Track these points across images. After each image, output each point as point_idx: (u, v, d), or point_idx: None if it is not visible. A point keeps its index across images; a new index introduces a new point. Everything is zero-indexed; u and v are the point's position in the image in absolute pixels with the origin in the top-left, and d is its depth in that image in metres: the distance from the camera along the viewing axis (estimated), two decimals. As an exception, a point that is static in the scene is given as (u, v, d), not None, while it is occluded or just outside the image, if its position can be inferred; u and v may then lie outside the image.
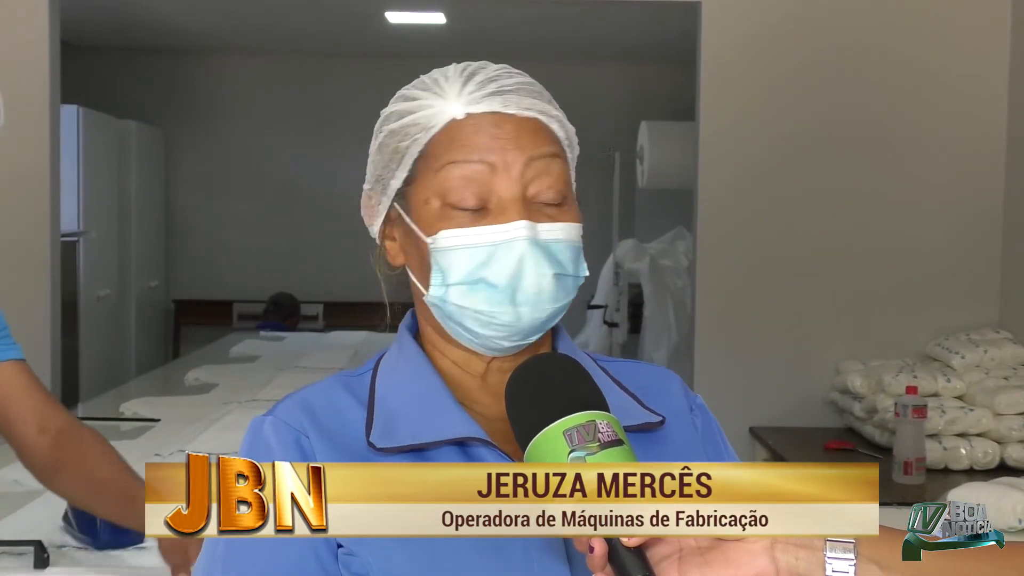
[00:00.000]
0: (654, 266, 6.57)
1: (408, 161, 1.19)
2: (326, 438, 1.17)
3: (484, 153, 1.15)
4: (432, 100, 1.20)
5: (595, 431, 0.99)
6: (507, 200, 1.15)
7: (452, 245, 1.16)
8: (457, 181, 1.16)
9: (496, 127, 1.17)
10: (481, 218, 1.16)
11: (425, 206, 1.18)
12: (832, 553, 0.96)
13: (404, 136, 1.20)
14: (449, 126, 1.18)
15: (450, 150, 1.16)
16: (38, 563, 2.22)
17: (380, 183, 1.23)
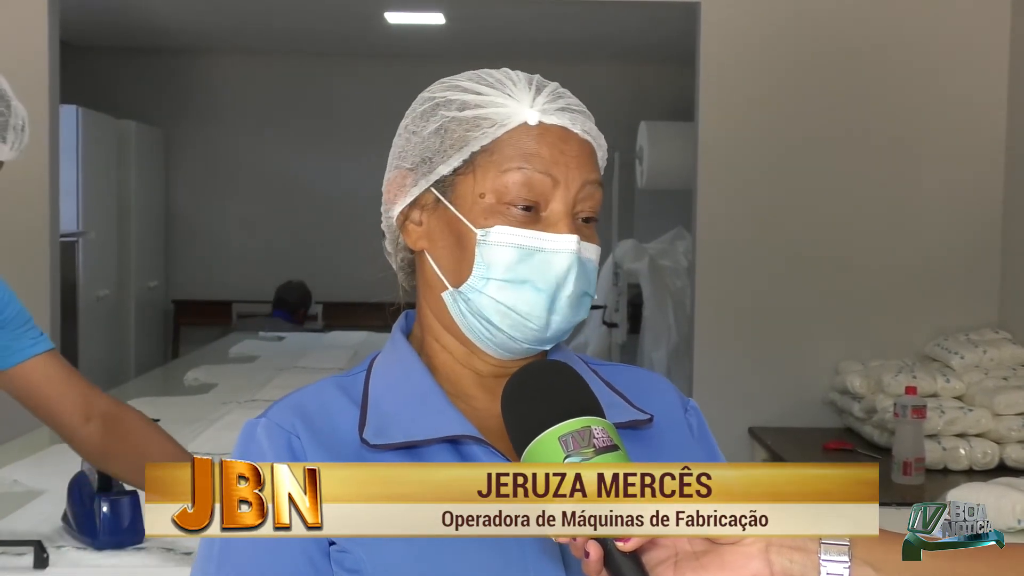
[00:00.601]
0: (653, 266, 6.57)
1: (467, 151, 1.20)
2: (317, 439, 1.18)
3: (550, 166, 1.19)
4: (503, 99, 1.21)
5: (590, 437, 0.99)
6: (560, 213, 1.19)
7: (506, 242, 1.18)
8: (520, 186, 1.18)
9: (564, 143, 1.20)
10: (532, 223, 1.19)
11: (480, 199, 1.19)
12: (826, 555, 0.97)
13: (473, 127, 1.21)
14: (520, 129, 1.20)
15: (518, 155, 1.19)
16: (38, 563, 2.22)
17: (426, 165, 1.23)
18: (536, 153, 1.19)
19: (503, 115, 1.20)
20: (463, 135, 1.21)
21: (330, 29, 7.60)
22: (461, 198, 1.21)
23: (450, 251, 1.22)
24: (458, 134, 1.21)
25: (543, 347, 1.23)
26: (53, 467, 3.04)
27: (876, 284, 4.37)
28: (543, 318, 1.19)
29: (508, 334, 1.20)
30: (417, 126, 1.25)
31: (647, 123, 7.22)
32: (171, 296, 8.66)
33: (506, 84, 1.23)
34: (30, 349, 2.19)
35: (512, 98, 1.21)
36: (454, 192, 1.21)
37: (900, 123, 4.34)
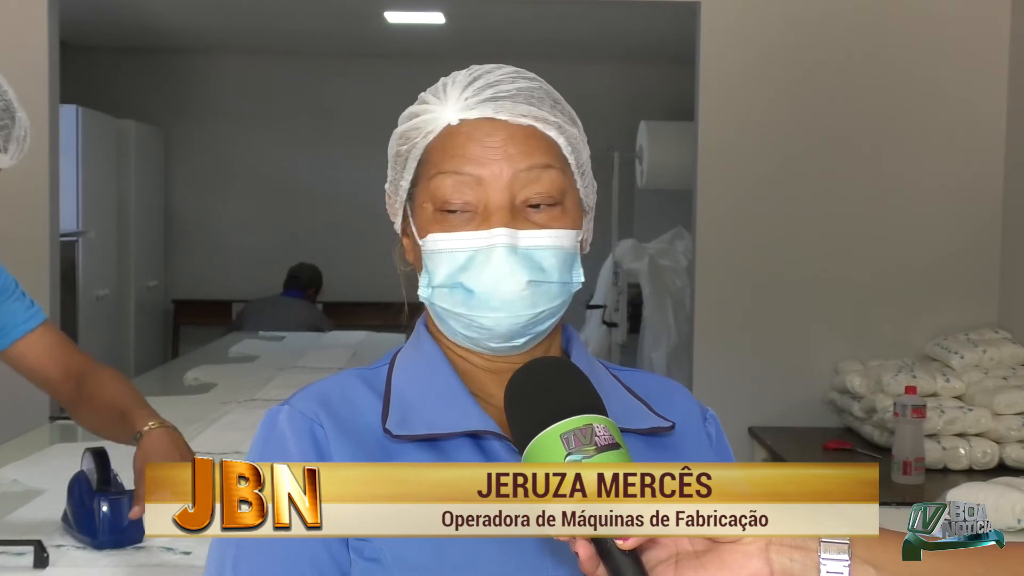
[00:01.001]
0: (653, 266, 6.57)
1: (412, 165, 1.23)
2: (340, 427, 1.19)
3: (473, 165, 1.18)
4: (434, 105, 1.22)
5: (592, 435, 0.99)
6: (493, 207, 1.17)
7: (437, 248, 1.20)
8: (448, 189, 1.18)
9: (487, 136, 1.18)
10: (468, 223, 1.18)
11: (422, 210, 1.21)
12: (826, 554, 0.97)
13: (406, 140, 1.24)
14: (444, 132, 1.20)
15: (443, 159, 1.19)
16: (38, 562, 2.22)
17: (393, 184, 1.27)
18: (460, 154, 1.18)
19: (428, 122, 1.21)
20: (399, 150, 1.24)
21: (330, 29, 7.60)
22: (415, 211, 1.23)
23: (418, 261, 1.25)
24: (396, 150, 1.25)
25: (514, 341, 1.21)
26: (52, 467, 3.04)
27: (876, 284, 4.37)
28: (488, 316, 1.19)
29: (468, 336, 1.22)
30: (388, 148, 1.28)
31: (647, 123, 7.21)
32: (171, 295, 8.66)
33: (445, 87, 1.23)
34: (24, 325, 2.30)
35: (441, 102, 1.21)
36: (413, 205, 1.24)
37: (900, 122, 4.34)
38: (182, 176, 8.64)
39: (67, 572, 2.24)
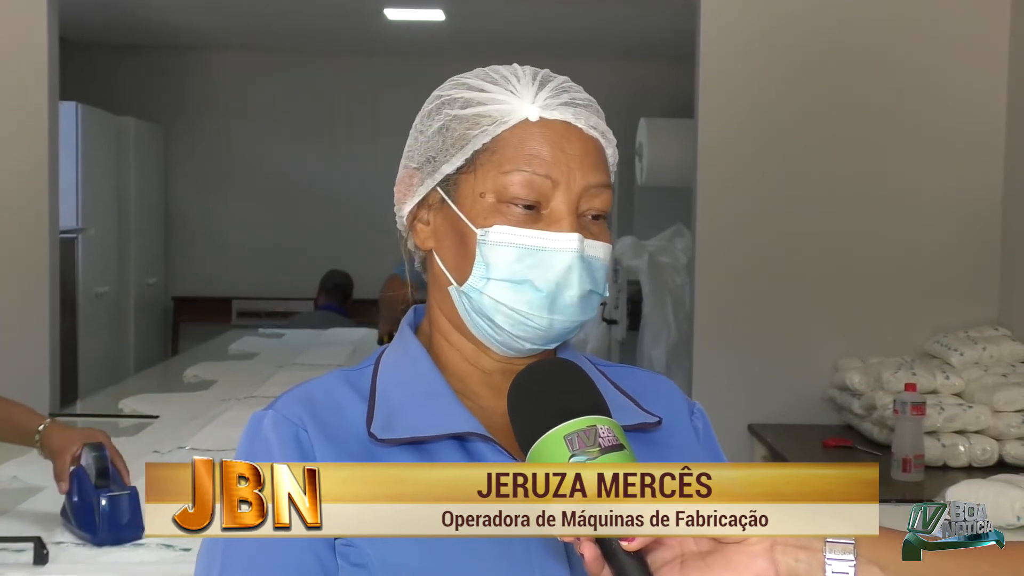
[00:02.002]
0: (653, 263, 6.56)
1: (469, 150, 1.20)
2: (324, 432, 1.18)
3: (550, 167, 1.18)
4: (504, 96, 1.20)
5: (596, 436, 0.99)
6: (562, 211, 1.18)
7: (504, 241, 1.17)
8: (522, 186, 1.17)
9: (565, 140, 1.19)
10: (534, 222, 1.18)
11: (480, 199, 1.19)
12: (832, 554, 0.97)
13: (473, 125, 1.20)
14: (521, 126, 1.19)
15: (518, 156, 1.18)
16: (37, 559, 2.23)
17: (430, 164, 1.22)
18: (536, 154, 1.18)
19: (504, 112, 1.19)
20: (464, 133, 1.20)
21: (330, 26, 7.60)
22: (463, 197, 1.20)
23: (454, 250, 1.21)
24: (459, 132, 1.20)
25: (549, 346, 1.22)
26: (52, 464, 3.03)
27: (876, 281, 4.36)
28: (545, 318, 1.19)
29: (511, 333, 1.20)
30: (424, 125, 1.24)
31: (647, 120, 7.21)
32: (170, 293, 8.66)
33: (510, 80, 1.22)
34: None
35: (514, 94, 1.20)
36: (457, 191, 1.21)
37: (900, 120, 4.34)
38: (182, 173, 8.64)
39: (66, 568, 2.24)
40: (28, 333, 4.31)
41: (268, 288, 8.61)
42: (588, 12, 6.87)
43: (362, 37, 7.92)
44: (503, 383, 1.18)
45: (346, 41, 8.15)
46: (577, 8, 6.77)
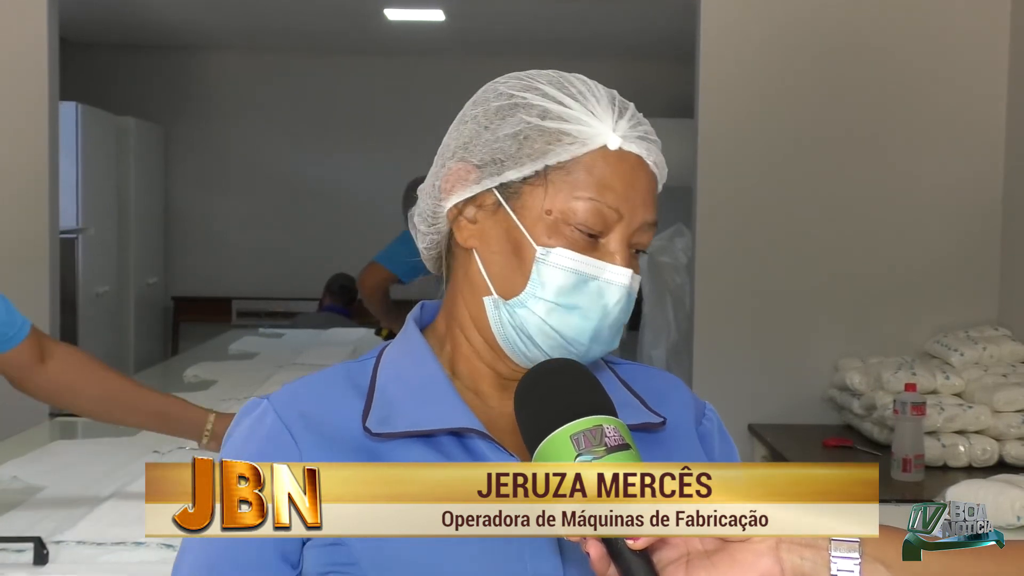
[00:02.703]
0: (653, 263, 6.57)
1: (542, 163, 1.18)
2: (314, 427, 1.18)
3: (621, 201, 1.18)
4: (585, 115, 1.19)
5: (602, 435, 0.99)
6: (618, 245, 1.19)
7: (564, 265, 1.17)
8: (589, 214, 1.17)
9: (635, 175, 1.19)
10: (591, 249, 1.18)
11: (546, 216, 1.17)
12: (837, 552, 0.97)
13: (555, 140, 1.18)
14: (600, 151, 1.18)
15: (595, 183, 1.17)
16: (38, 559, 2.23)
17: (495, 166, 1.19)
18: (610, 185, 1.17)
19: (586, 134, 1.18)
20: (543, 147, 1.18)
21: (330, 26, 7.60)
22: (527, 209, 1.18)
23: (504, 259, 1.19)
24: (538, 145, 1.18)
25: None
26: (52, 463, 3.04)
27: (876, 281, 4.36)
28: (585, 345, 1.19)
29: (544, 352, 1.19)
30: (491, 122, 1.21)
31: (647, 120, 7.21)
32: (170, 292, 8.66)
33: (588, 99, 1.20)
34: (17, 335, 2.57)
35: (595, 116, 1.19)
36: (519, 201, 1.19)
37: (900, 120, 4.34)
38: (182, 173, 8.64)
39: (67, 569, 2.24)
40: (28, 333, 4.31)
41: (268, 288, 8.60)
42: (588, 12, 6.87)
43: (362, 37, 7.92)
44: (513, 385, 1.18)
45: (346, 41, 8.15)
46: (577, 8, 6.77)
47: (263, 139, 8.58)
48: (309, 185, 8.61)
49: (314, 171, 8.61)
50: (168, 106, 8.54)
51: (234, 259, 8.63)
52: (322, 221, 8.57)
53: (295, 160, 8.60)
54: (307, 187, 8.61)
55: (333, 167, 8.59)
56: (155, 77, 8.53)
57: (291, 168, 8.61)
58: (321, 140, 8.58)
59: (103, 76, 8.36)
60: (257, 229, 8.61)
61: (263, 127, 8.57)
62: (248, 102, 8.57)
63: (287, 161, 8.60)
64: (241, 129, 8.58)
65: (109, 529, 2.41)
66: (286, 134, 8.57)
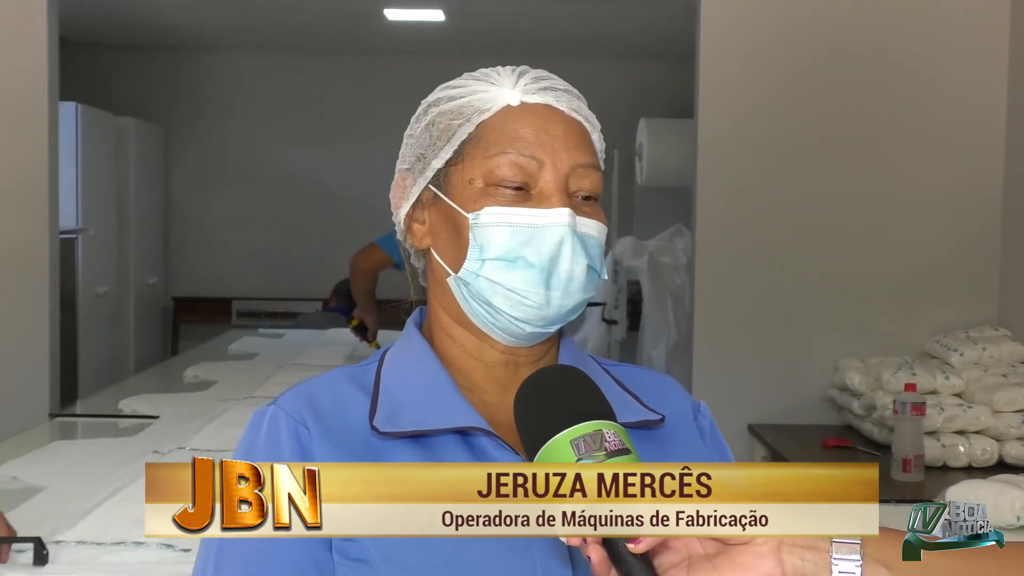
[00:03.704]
0: (653, 263, 6.57)
1: (456, 141, 1.22)
2: (325, 429, 1.19)
3: (535, 148, 1.20)
4: (486, 87, 1.24)
5: (602, 440, 0.99)
6: (551, 189, 1.20)
7: (496, 222, 1.19)
8: (509, 167, 1.19)
9: (547, 122, 1.22)
10: (523, 202, 1.20)
11: (469, 185, 1.21)
12: (838, 554, 0.97)
13: (457, 115, 1.23)
14: (503, 112, 1.22)
15: (503, 139, 1.20)
16: (37, 560, 2.23)
17: (420, 163, 1.25)
18: (520, 136, 1.20)
19: (485, 100, 1.22)
20: (448, 124, 1.23)
21: (329, 26, 7.60)
22: (453, 187, 1.23)
23: (449, 240, 1.23)
24: (444, 125, 1.24)
25: (548, 328, 1.23)
26: (52, 463, 3.04)
27: (876, 281, 4.36)
28: (541, 294, 1.20)
29: (509, 315, 1.21)
30: (412, 129, 1.28)
31: (647, 120, 7.21)
32: (170, 293, 8.66)
33: (490, 75, 1.26)
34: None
35: (495, 85, 1.24)
36: (448, 183, 1.23)
37: (900, 120, 4.34)
38: (182, 173, 8.64)
39: (66, 569, 2.24)
40: (28, 333, 4.31)
41: (268, 288, 8.60)
42: (588, 12, 6.87)
43: (362, 37, 7.92)
44: (507, 377, 1.23)
45: (346, 41, 8.15)
46: (577, 8, 6.77)
47: (263, 139, 8.58)
48: (309, 185, 8.61)
49: (314, 171, 8.61)
50: (168, 106, 8.54)
51: (234, 259, 8.63)
52: (322, 221, 8.57)
53: (295, 160, 8.60)
54: (307, 187, 8.61)
55: (333, 167, 8.58)
56: (155, 77, 8.53)
57: (291, 168, 8.61)
58: (321, 140, 8.58)
59: (103, 76, 8.36)
60: (257, 229, 8.61)
61: (263, 127, 8.57)
62: (248, 102, 8.57)
63: (287, 161, 8.60)
64: (241, 129, 8.58)
65: (109, 529, 2.41)
66: (286, 134, 8.57)
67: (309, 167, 8.60)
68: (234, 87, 8.58)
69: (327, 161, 8.58)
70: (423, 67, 8.46)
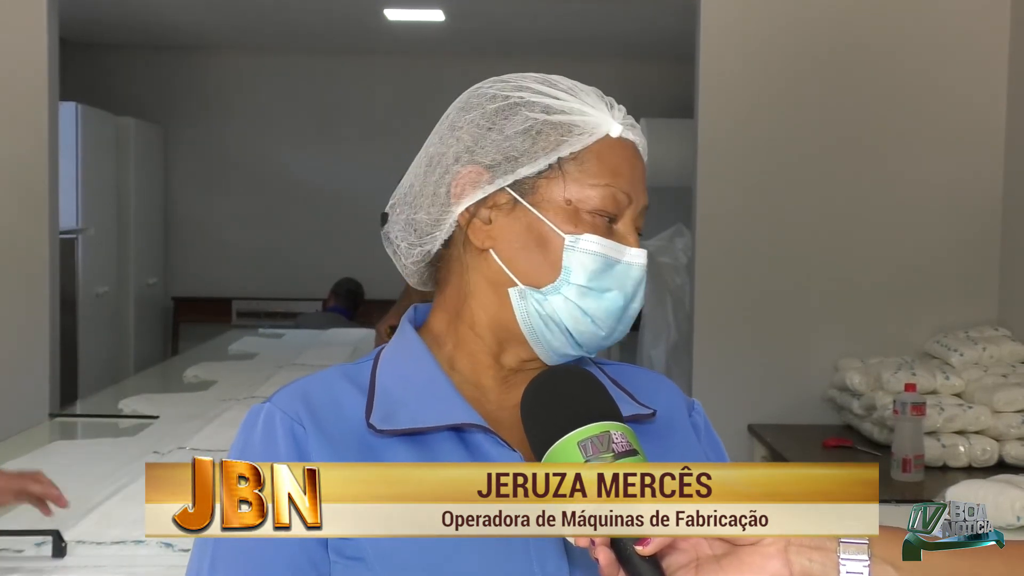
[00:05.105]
0: (652, 263, 6.56)
1: (555, 156, 1.21)
2: (321, 426, 1.19)
3: (628, 184, 1.23)
4: (584, 107, 1.23)
5: (609, 441, 1.00)
6: (629, 227, 1.23)
7: (593, 250, 1.20)
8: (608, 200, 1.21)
9: (636, 159, 1.25)
10: (609, 234, 1.22)
11: (565, 205, 1.21)
12: (846, 554, 0.97)
13: (567, 131, 1.22)
14: (604, 140, 1.23)
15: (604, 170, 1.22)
16: (56, 552, 2.25)
17: (508, 164, 1.22)
18: (619, 171, 1.22)
19: (591, 124, 1.22)
20: (557, 139, 1.21)
21: (329, 26, 7.60)
22: (545, 202, 1.21)
23: (527, 253, 1.21)
24: (552, 138, 1.21)
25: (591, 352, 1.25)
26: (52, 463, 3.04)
27: (876, 281, 4.37)
28: (611, 326, 1.22)
29: (573, 340, 1.22)
30: (494, 123, 1.23)
31: (647, 120, 7.21)
32: (170, 293, 8.66)
33: (579, 93, 1.25)
34: None
35: (592, 107, 1.24)
36: (536, 195, 1.22)
37: (899, 120, 4.34)
38: (182, 173, 8.64)
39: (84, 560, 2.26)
40: (28, 333, 4.31)
41: (268, 288, 8.60)
42: (588, 12, 6.87)
43: (362, 37, 7.92)
44: (513, 378, 1.23)
45: (346, 41, 8.15)
46: (577, 8, 6.77)
47: (263, 139, 8.58)
48: (309, 185, 8.61)
49: (314, 171, 8.60)
50: (168, 106, 8.54)
51: (234, 259, 8.63)
52: (322, 221, 8.57)
53: (295, 160, 8.60)
54: (307, 187, 8.61)
55: (333, 167, 8.58)
56: (155, 77, 8.53)
57: (291, 168, 8.61)
58: (321, 140, 8.58)
59: (103, 76, 8.36)
60: (257, 229, 8.60)
61: (263, 127, 8.57)
62: (248, 102, 8.57)
63: (287, 161, 8.60)
64: (241, 129, 8.58)
65: (109, 529, 2.41)
66: (286, 134, 8.57)
67: (309, 167, 8.60)
68: (234, 87, 8.58)
69: (327, 161, 8.58)
70: (423, 67, 8.47)
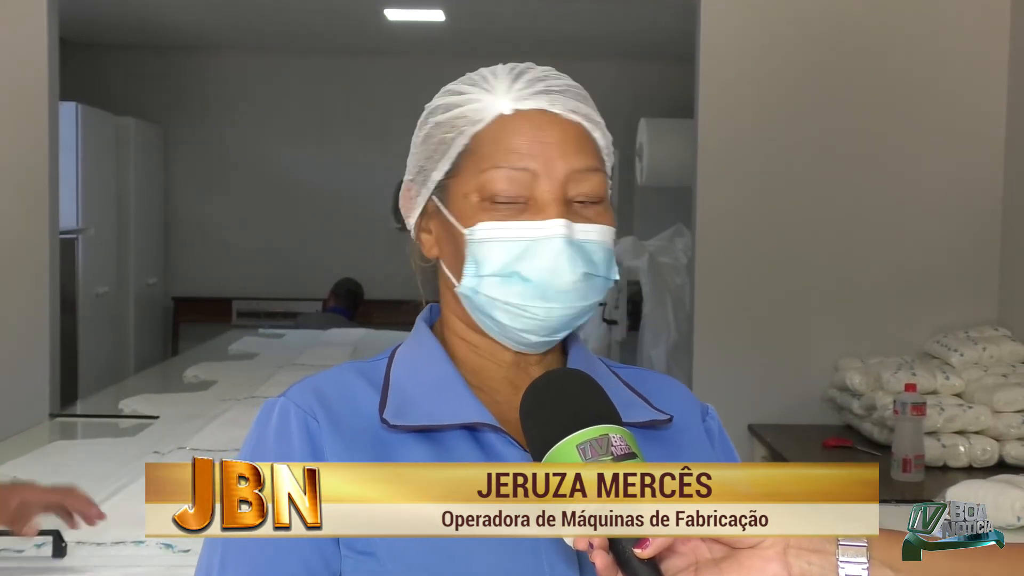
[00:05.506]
0: (653, 263, 6.56)
1: (452, 154, 1.21)
2: (335, 421, 1.19)
3: (528, 160, 1.18)
4: (480, 95, 1.21)
5: (608, 444, 0.99)
6: (547, 200, 1.18)
7: (489, 237, 1.18)
8: (502, 182, 1.18)
9: (541, 129, 1.19)
10: (519, 214, 1.18)
11: (465, 199, 1.20)
12: (844, 556, 0.97)
13: (451, 128, 1.22)
14: (496, 121, 1.20)
15: (496, 152, 1.19)
16: (56, 552, 2.26)
17: (422, 174, 1.25)
18: (512, 148, 1.18)
19: (478, 111, 1.20)
20: (443, 138, 1.22)
21: (330, 26, 7.60)
22: (453, 201, 1.22)
23: (451, 253, 1.23)
24: (438, 138, 1.22)
25: (555, 336, 1.23)
26: (52, 463, 3.04)
27: (876, 281, 4.36)
28: (541, 307, 1.19)
29: (511, 327, 1.21)
30: (416, 137, 1.27)
31: (647, 120, 7.21)
32: (170, 293, 8.66)
33: (487, 78, 1.23)
34: None
35: (489, 92, 1.21)
36: (447, 195, 1.23)
37: (900, 121, 4.34)
38: (182, 173, 8.64)
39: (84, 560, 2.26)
40: (28, 333, 4.31)
41: (268, 288, 8.60)
42: (588, 12, 6.87)
43: (362, 37, 7.92)
44: (517, 376, 1.23)
45: (346, 41, 8.15)
46: (577, 8, 6.77)
47: (263, 139, 8.58)
48: (309, 185, 8.61)
49: (314, 171, 8.61)
50: (168, 106, 8.54)
51: (234, 259, 8.63)
52: (322, 221, 8.57)
53: (295, 160, 8.60)
54: (307, 187, 8.61)
55: (333, 167, 8.58)
56: (155, 77, 8.53)
57: (291, 168, 8.61)
58: (321, 140, 8.58)
59: (103, 76, 8.36)
60: (257, 229, 8.61)
61: (263, 127, 8.57)
62: (248, 102, 8.57)
63: (287, 161, 8.60)
64: (241, 129, 8.58)
65: (109, 529, 2.41)
66: (286, 134, 8.57)
67: (309, 167, 8.60)
68: (234, 87, 8.58)
69: (327, 161, 8.58)
70: (423, 67, 8.45)
